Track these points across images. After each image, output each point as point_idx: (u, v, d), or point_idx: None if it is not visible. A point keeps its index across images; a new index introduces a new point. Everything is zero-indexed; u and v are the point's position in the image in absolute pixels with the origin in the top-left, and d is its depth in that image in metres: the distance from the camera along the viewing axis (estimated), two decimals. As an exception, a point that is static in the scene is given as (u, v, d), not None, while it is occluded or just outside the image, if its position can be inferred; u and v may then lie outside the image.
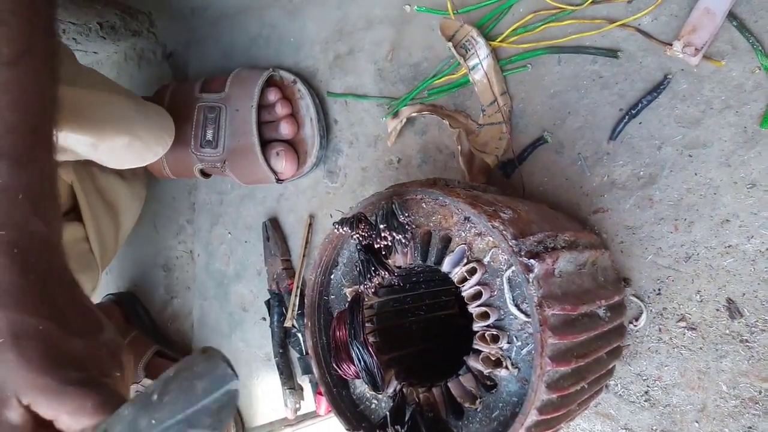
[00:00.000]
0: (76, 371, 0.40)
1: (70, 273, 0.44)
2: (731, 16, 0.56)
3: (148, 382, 0.89)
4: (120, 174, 0.88)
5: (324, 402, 0.82)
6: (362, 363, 0.47)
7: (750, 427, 0.55)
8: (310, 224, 0.85)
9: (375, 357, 0.47)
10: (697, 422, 0.58)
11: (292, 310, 0.84)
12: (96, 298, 0.93)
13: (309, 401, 0.85)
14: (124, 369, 0.44)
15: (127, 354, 0.45)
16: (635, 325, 0.61)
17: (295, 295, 0.85)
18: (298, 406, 0.86)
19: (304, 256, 0.85)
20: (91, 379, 0.41)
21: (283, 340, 0.86)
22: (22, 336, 0.39)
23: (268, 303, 0.88)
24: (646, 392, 0.61)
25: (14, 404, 0.38)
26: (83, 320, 0.43)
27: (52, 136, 0.45)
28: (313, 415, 0.84)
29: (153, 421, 0.38)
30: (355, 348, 0.48)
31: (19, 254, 0.41)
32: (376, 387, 0.49)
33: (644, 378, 0.61)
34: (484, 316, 0.47)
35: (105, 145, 0.70)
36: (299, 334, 0.85)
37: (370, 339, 0.53)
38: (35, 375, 0.39)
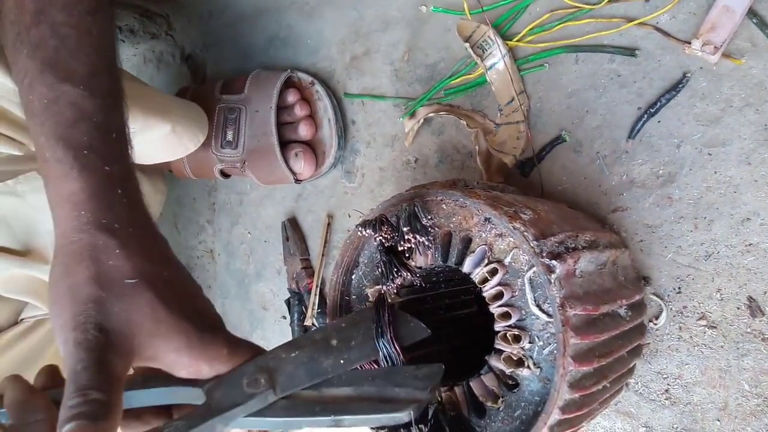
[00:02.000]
0: (206, 318, 0.41)
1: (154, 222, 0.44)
2: (751, 13, 0.56)
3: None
4: (141, 169, 0.90)
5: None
6: (389, 361, 0.48)
7: (772, 425, 0.55)
8: (329, 224, 0.86)
9: (402, 354, 0.48)
10: (718, 420, 0.58)
11: (312, 309, 0.85)
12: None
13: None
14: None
15: None
16: (655, 324, 0.61)
17: (315, 294, 0.86)
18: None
19: (323, 255, 0.86)
20: (216, 327, 0.41)
21: (303, 338, 0.87)
22: (155, 280, 0.39)
23: (288, 302, 0.89)
24: (667, 390, 0.61)
25: (128, 352, 0.37)
26: (185, 271, 0.44)
27: (123, 84, 0.46)
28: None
29: (341, 361, 0.40)
30: (382, 346, 0.48)
31: (125, 194, 0.41)
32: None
33: (665, 376, 0.61)
34: (506, 316, 0.48)
35: (143, 136, 0.72)
36: (319, 333, 0.86)
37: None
38: (176, 319, 0.38)
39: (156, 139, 0.74)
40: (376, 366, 0.45)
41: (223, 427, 0.38)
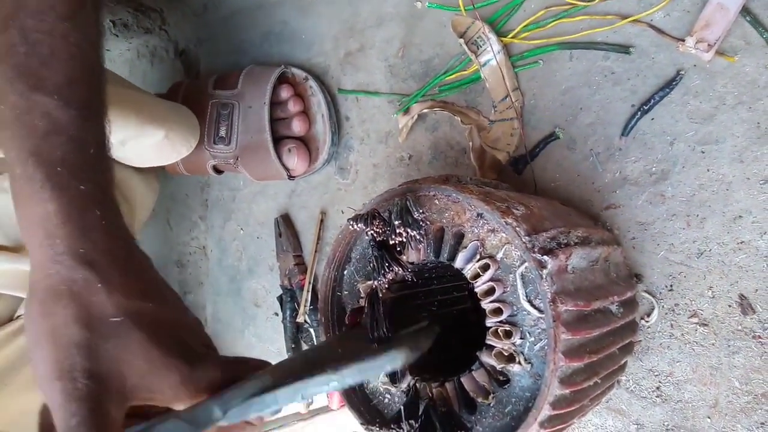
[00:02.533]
0: (193, 347, 0.39)
1: (136, 243, 0.42)
2: (745, 11, 0.56)
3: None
4: (134, 167, 0.89)
5: (336, 396, 0.82)
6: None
7: (763, 423, 0.55)
8: (322, 220, 0.86)
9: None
10: (709, 418, 0.58)
11: (304, 306, 0.85)
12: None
13: (321, 395, 0.86)
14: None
15: None
16: (647, 321, 0.61)
17: (307, 291, 0.85)
18: (310, 400, 0.87)
19: (315, 251, 0.86)
20: (207, 352, 0.40)
21: (296, 335, 0.87)
22: (140, 317, 0.37)
23: (280, 298, 0.89)
24: (658, 388, 0.61)
25: (123, 396, 0.35)
26: (170, 293, 0.41)
27: (105, 94, 0.44)
28: (325, 410, 0.85)
29: (339, 351, 0.42)
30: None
31: (103, 216, 0.38)
32: (393, 379, 0.49)
33: (656, 374, 0.61)
34: (497, 311, 0.48)
35: (135, 143, 0.71)
36: (311, 329, 0.86)
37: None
38: (168, 356, 0.36)
39: (149, 145, 0.74)
40: None
41: (221, 412, 0.36)
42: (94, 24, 0.44)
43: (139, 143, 0.72)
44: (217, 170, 0.87)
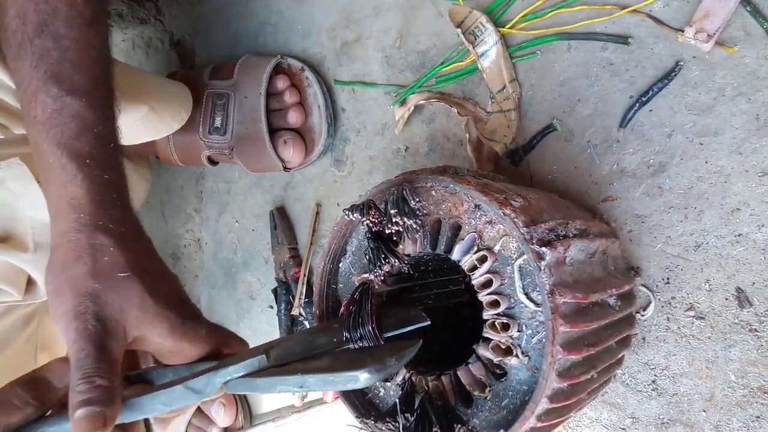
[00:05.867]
0: (185, 306, 0.46)
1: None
2: (745, 1, 0.55)
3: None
4: (126, 155, 0.89)
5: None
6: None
7: (758, 417, 0.55)
8: (317, 213, 0.85)
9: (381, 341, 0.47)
10: (704, 411, 0.58)
11: (299, 298, 0.85)
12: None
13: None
14: None
15: None
16: (643, 315, 0.60)
17: (302, 284, 0.85)
18: (304, 393, 0.86)
19: (311, 244, 0.85)
20: (195, 312, 0.47)
21: (290, 328, 0.87)
22: (143, 274, 0.43)
23: (275, 291, 0.88)
24: (654, 381, 0.61)
25: (122, 337, 0.42)
26: (166, 265, 0.49)
27: (116, 90, 0.50)
28: (320, 402, 0.85)
29: (334, 340, 0.44)
30: (364, 334, 0.48)
31: (119, 198, 0.46)
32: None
33: (652, 367, 0.61)
34: (495, 304, 0.47)
35: (121, 117, 0.71)
36: (306, 322, 0.86)
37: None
38: (161, 307, 0.43)
39: (134, 120, 0.73)
40: None
41: (221, 384, 0.41)
42: (107, 27, 0.49)
43: (122, 120, 0.72)
44: (212, 161, 0.87)
